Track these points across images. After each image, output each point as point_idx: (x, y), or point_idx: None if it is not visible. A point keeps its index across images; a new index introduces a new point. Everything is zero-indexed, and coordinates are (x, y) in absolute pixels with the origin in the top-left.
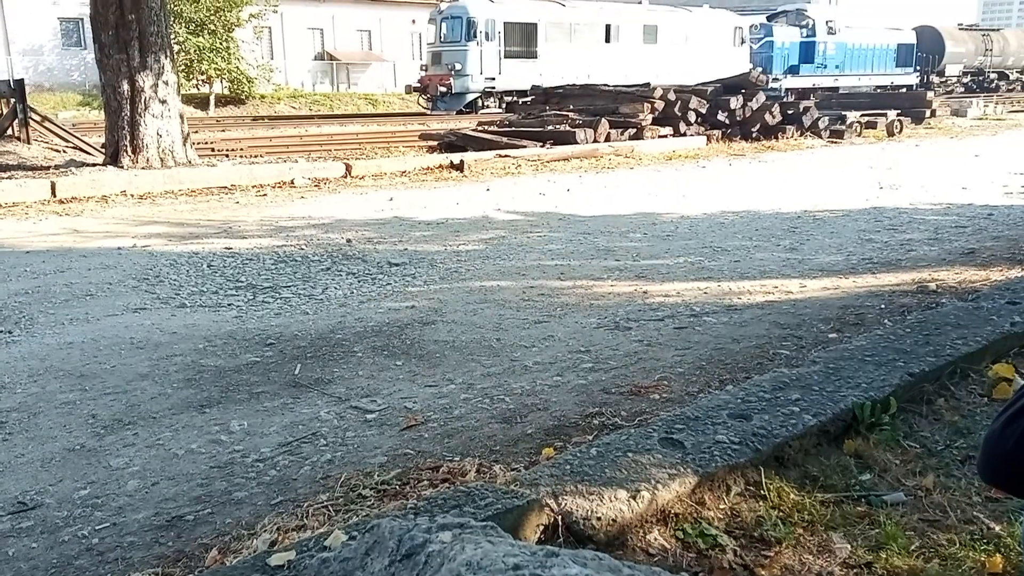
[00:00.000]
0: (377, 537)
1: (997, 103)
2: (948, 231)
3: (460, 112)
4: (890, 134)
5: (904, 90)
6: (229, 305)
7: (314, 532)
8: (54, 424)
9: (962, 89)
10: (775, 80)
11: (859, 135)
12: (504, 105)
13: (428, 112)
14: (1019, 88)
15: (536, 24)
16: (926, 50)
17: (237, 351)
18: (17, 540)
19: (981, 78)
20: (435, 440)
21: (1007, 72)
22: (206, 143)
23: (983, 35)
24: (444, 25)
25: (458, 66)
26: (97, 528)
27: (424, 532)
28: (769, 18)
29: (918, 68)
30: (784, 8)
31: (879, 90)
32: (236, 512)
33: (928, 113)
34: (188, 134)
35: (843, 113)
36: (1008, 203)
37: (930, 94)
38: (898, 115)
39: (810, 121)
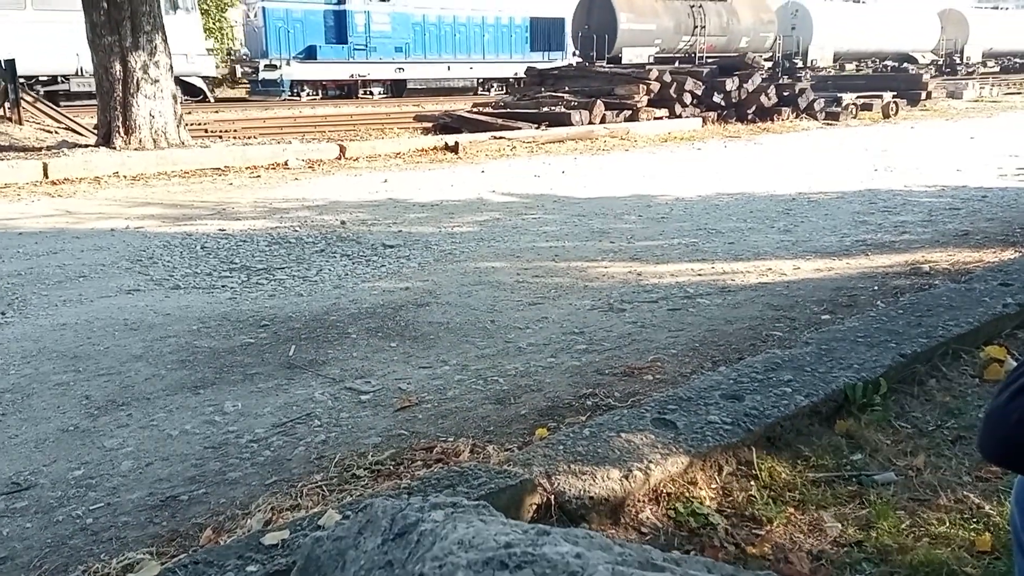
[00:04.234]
0: (370, 516)
1: (993, 85)
2: (942, 213)
3: None
4: (886, 116)
5: None
6: (223, 287)
7: (308, 512)
8: (48, 405)
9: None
10: (269, 68)
11: (855, 117)
12: None
13: None
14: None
15: None
16: (596, 28)
17: (231, 332)
18: (11, 520)
19: (690, 67)
20: (429, 421)
21: (740, 56)
22: (199, 124)
23: (692, 7)
24: None
25: None
26: (91, 508)
27: (417, 511)
28: None
29: (578, 52)
30: None
31: (486, 83)
32: (230, 492)
33: (924, 95)
34: (181, 115)
35: (839, 95)
36: (1002, 185)
37: (926, 76)
38: (894, 97)
39: (806, 103)
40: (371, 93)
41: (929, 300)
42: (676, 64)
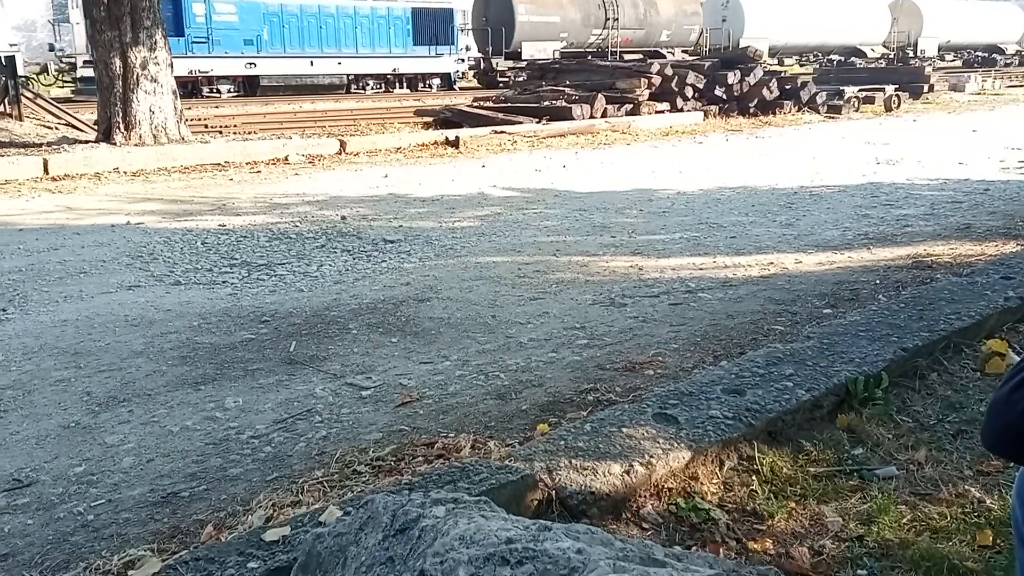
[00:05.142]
0: (371, 512)
1: (996, 78)
2: (944, 206)
3: None
4: (888, 109)
5: (437, 80)
6: (224, 282)
7: (309, 508)
8: (49, 401)
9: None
10: (90, 64)
11: (857, 110)
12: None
13: None
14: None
15: None
16: (494, 21)
17: (232, 328)
18: (13, 517)
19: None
20: (430, 416)
21: (661, 50)
22: (199, 119)
23: None
24: None
25: None
26: (92, 505)
27: (418, 507)
28: None
29: (470, 48)
30: None
31: (360, 80)
32: (231, 488)
33: (926, 88)
34: (181, 110)
35: (841, 88)
36: (1005, 178)
37: (928, 68)
38: (896, 90)
39: (808, 96)
40: (218, 91)
41: (931, 294)
42: (588, 58)
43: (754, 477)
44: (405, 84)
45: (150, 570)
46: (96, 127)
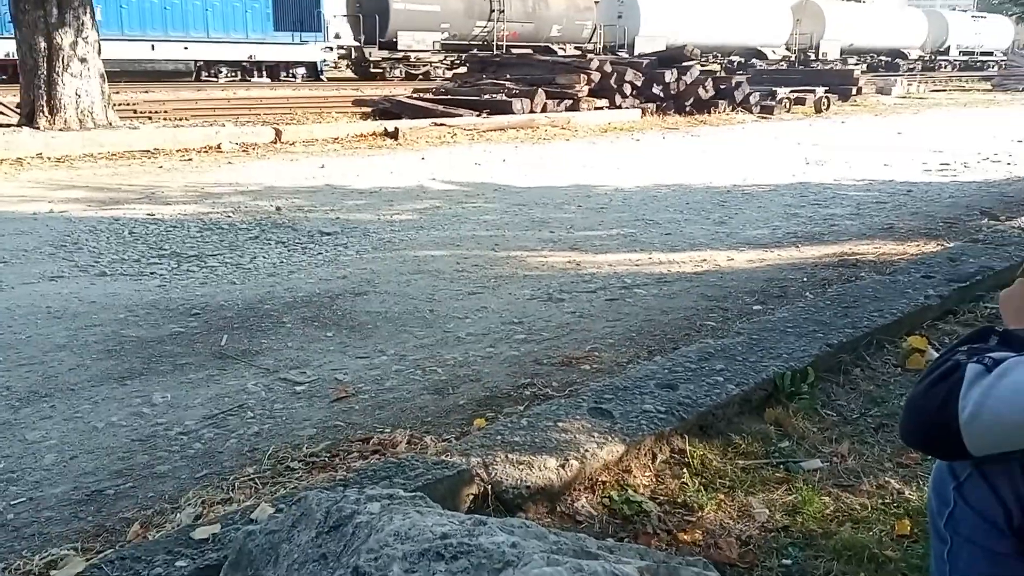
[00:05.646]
0: (304, 509)
1: (921, 82)
2: (869, 207)
3: None
4: (818, 111)
5: (302, 70)
6: (152, 274)
7: (240, 505)
8: None
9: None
10: None
11: (788, 111)
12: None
13: None
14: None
15: None
16: (368, 8)
17: (160, 321)
18: None
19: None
20: (366, 412)
21: (552, 46)
22: (128, 104)
23: None
24: None
25: None
26: (12, 503)
27: (352, 503)
28: None
29: (340, 35)
30: None
31: (212, 67)
32: (159, 486)
33: (855, 90)
34: (109, 95)
35: (774, 89)
36: (927, 180)
37: (857, 71)
38: (826, 92)
39: (742, 96)
40: None
41: (855, 291)
42: (473, 52)
43: (685, 470)
44: (265, 72)
45: (74, 570)
46: (19, 110)
